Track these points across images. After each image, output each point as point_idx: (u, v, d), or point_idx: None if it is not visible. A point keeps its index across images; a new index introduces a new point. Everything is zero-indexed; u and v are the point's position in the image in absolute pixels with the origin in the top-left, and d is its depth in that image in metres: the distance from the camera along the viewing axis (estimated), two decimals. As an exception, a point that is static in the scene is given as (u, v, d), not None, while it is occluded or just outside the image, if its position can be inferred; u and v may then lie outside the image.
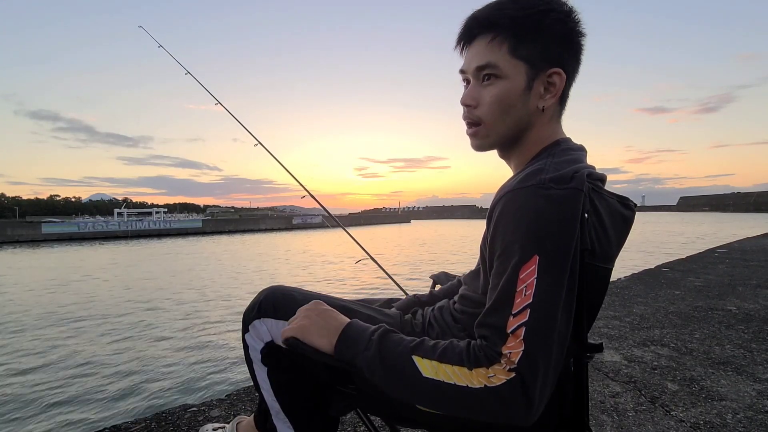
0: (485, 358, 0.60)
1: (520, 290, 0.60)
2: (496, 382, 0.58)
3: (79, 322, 8.21)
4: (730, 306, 3.61)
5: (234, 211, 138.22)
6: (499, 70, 0.72)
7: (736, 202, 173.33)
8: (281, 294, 0.94)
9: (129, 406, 4.44)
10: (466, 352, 0.62)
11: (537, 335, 0.58)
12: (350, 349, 0.69)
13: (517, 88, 0.72)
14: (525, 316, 0.59)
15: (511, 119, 0.74)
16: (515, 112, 0.73)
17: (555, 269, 0.60)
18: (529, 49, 0.70)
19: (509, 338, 0.59)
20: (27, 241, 35.03)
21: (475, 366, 0.60)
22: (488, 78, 0.73)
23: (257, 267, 17.22)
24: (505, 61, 0.71)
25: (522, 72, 0.71)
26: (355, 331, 0.72)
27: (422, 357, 0.64)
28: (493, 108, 0.73)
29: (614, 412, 1.79)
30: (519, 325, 0.59)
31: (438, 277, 1.19)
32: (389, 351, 0.66)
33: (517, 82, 0.72)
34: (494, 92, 0.73)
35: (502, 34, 0.71)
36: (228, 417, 1.68)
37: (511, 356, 0.59)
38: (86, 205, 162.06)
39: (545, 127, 0.76)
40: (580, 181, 0.63)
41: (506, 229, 0.64)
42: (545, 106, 0.73)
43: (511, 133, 0.75)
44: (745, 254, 7.31)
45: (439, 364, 0.63)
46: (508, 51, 0.71)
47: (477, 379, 0.60)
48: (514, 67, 0.71)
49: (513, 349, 0.59)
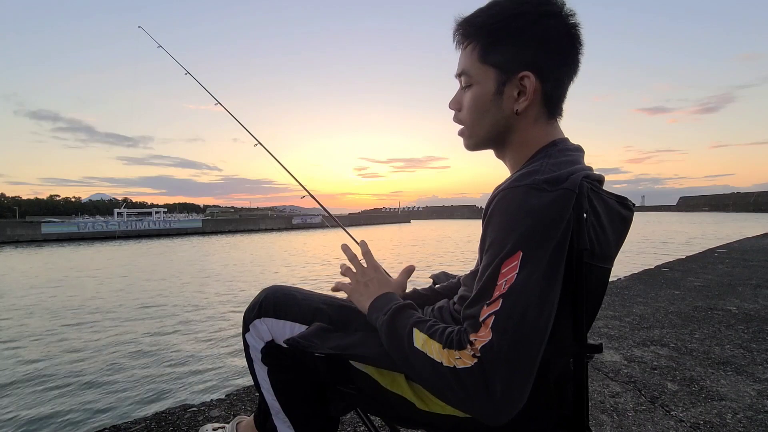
0: (458, 342, 0.62)
1: (500, 284, 0.60)
2: (460, 365, 0.60)
3: (78, 322, 8.21)
4: (729, 306, 3.62)
5: (234, 211, 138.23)
6: (470, 78, 0.76)
7: (735, 202, 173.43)
8: (282, 293, 0.94)
9: (129, 406, 4.44)
10: (448, 333, 0.64)
11: (505, 325, 0.58)
12: (374, 313, 0.78)
13: (488, 93, 0.74)
14: (497, 306, 0.59)
15: (487, 122, 0.76)
16: (490, 116, 0.75)
17: (536, 265, 0.60)
18: (499, 55, 0.72)
19: (480, 327, 0.60)
20: (27, 241, 35.05)
21: (448, 346, 0.62)
22: (466, 84, 0.77)
23: (257, 267, 17.23)
24: (475, 68, 0.74)
25: (491, 78, 0.73)
26: (383, 300, 0.80)
27: (420, 331, 0.68)
28: (470, 112, 0.77)
29: (614, 412, 1.79)
30: (489, 314, 0.59)
31: (438, 276, 1.19)
32: (398, 321, 0.72)
33: (487, 87, 0.74)
34: (469, 97, 0.77)
35: (474, 41, 0.74)
36: (228, 417, 1.68)
37: (476, 343, 0.59)
38: (86, 205, 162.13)
39: (531, 129, 0.75)
40: (573, 183, 0.64)
41: (495, 226, 0.65)
42: (519, 109, 0.73)
43: (490, 136, 0.78)
44: (745, 254, 7.32)
45: (427, 338, 0.66)
46: (478, 58, 0.74)
47: (447, 358, 0.61)
48: (484, 73, 0.73)
49: (480, 337, 0.59)
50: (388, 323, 0.73)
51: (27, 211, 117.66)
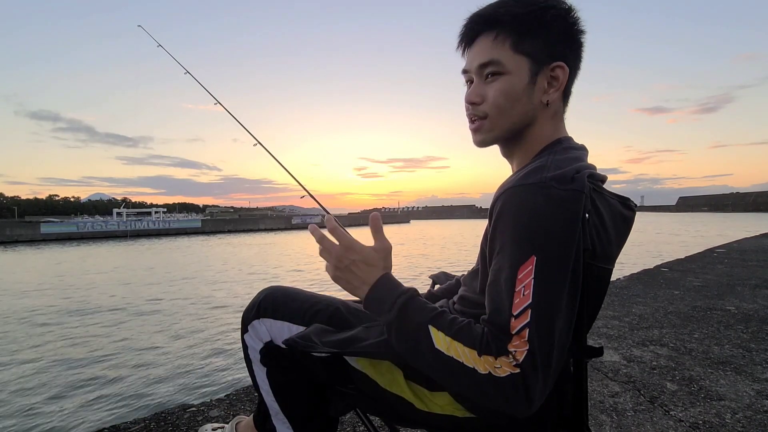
0: (495, 349, 0.61)
1: (519, 290, 0.60)
2: (501, 374, 0.59)
3: (77, 322, 8.20)
4: (729, 306, 3.62)
5: (233, 211, 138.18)
6: (502, 66, 0.72)
7: (735, 203, 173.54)
8: (280, 294, 0.94)
9: (128, 406, 4.44)
10: (480, 336, 0.63)
11: (539, 336, 0.59)
12: (376, 308, 0.70)
13: (521, 83, 0.73)
14: (527, 318, 0.59)
15: (515, 113, 0.74)
16: (520, 106, 0.74)
17: (552, 270, 0.60)
18: (532, 45, 0.72)
19: (514, 338, 0.60)
20: (26, 241, 35.00)
21: (485, 353, 0.61)
22: (492, 75, 0.74)
23: (257, 266, 17.22)
24: (508, 56, 0.72)
25: (525, 67, 0.72)
26: (382, 290, 0.70)
27: (438, 329, 0.64)
28: (498, 102, 0.74)
29: (613, 412, 1.79)
30: (522, 326, 0.59)
31: (437, 277, 1.19)
32: (409, 317, 0.66)
33: (520, 76, 0.72)
34: (498, 87, 0.73)
35: (505, 30, 0.72)
36: (227, 417, 1.67)
37: (517, 354, 0.59)
38: (85, 204, 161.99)
39: (548, 124, 0.76)
40: (581, 183, 0.63)
41: (506, 227, 0.64)
42: (549, 100, 0.74)
43: (515, 128, 0.76)
44: (744, 254, 7.33)
45: (452, 341, 0.63)
46: (510, 47, 0.72)
47: (483, 365, 0.60)
48: (517, 62, 0.72)
49: (518, 347, 0.59)
50: (398, 325, 0.67)
51: (26, 211, 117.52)
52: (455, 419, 0.76)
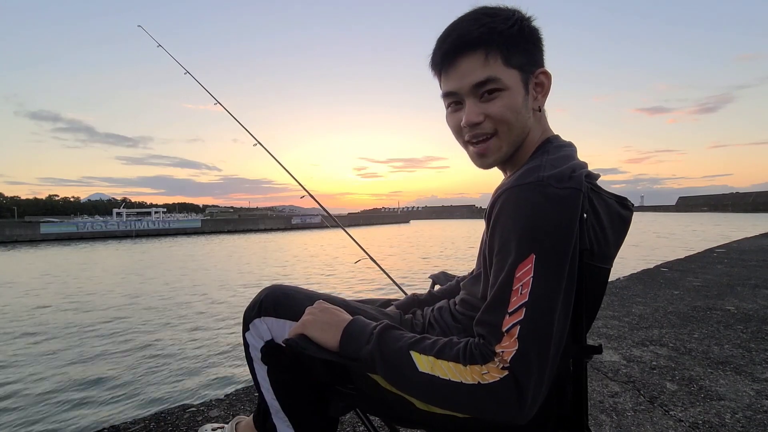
0: (480, 356, 0.61)
1: (516, 289, 0.61)
2: (489, 380, 0.59)
3: (77, 322, 8.20)
4: (728, 306, 3.62)
5: (233, 211, 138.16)
6: (501, 83, 0.72)
7: (734, 203, 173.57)
8: (282, 293, 0.94)
9: (128, 407, 4.44)
10: (463, 349, 0.63)
11: (531, 334, 0.59)
12: (353, 343, 0.72)
13: (520, 95, 0.74)
14: (520, 315, 0.59)
15: (520, 126, 0.75)
16: (522, 118, 0.75)
17: (551, 269, 0.60)
18: (519, 58, 0.73)
19: (504, 337, 0.60)
20: (25, 241, 34.98)
21: (470, 363, 0.61)
22: (491, 93, 0.73)
23: (257, 266, 17.21)
24: (502, 72, 0.72)
25: (518, 79, 0.74)
26: (358, 327, 0.74)
27: (420, 353, 0.66)
28: (507, 117, 0.73)
29: (613, 412, 1.79)
30: (514, 324, 0.59)
31: (437, 277, 1.19)
32: (389, 345, 0.68)
33: (518, 90, 0.74)
34: (502, 104, 0.72)
35: (495, 48, 0.72)
36: (227, 417, 1.67)
37: (504, 355, 0.59)
38: (85, 205, 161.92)
39: (538, 127, 0.79)
40: (579, 181, 0.64)
41: (504, 227, 0.64)
42: (540, 106, 0.77)
43: (519, 140, 0.77)
44: (744, 254, 7.33)
45: (436, 360, 0.64)
46: (502, 63, 0.72)
47: (471, 375, 0.60)
48: (511, 76, 0.73)
49: (507, 348, 0.59)
50: (380, 353, 0.68)
51: (26, 211, 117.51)
52: (455, 419, 0.76)
